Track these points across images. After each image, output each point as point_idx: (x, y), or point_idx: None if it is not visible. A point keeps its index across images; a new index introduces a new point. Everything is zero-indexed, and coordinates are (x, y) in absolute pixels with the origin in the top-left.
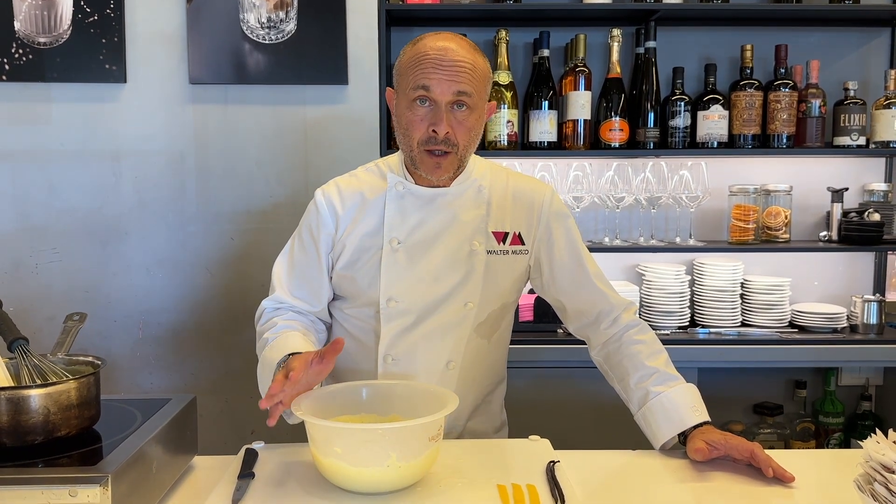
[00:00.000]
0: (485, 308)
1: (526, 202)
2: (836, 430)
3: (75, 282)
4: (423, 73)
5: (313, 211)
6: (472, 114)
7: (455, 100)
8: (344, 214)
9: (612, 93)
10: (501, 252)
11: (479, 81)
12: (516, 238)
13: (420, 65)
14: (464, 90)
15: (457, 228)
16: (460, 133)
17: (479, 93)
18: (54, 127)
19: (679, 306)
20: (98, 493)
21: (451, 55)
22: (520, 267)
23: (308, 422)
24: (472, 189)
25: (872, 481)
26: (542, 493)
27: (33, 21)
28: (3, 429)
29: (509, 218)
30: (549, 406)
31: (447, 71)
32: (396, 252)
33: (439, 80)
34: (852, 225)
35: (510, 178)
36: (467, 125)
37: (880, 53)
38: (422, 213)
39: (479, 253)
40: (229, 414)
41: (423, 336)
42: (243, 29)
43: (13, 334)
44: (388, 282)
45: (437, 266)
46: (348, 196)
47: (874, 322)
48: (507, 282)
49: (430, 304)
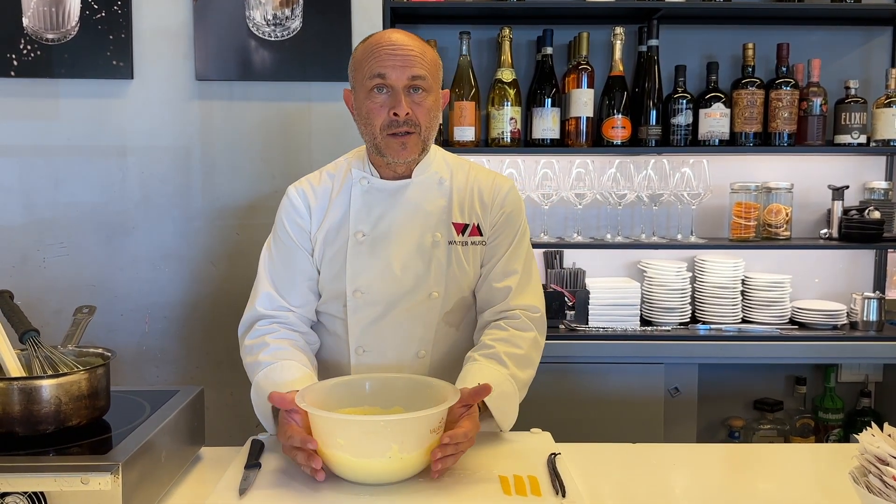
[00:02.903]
0: (450, 297)
1: (485, 195)
2: (835, 427)
3: (82, 276)
4: (378, 62)
5: (288, 207)
6: (429, 96)
7: (411, 84)
8: (316, 209)
9: (614, 90)
10: (461, 243)
11: (431, 66)
12: (475, 229)
13: (374, 55)
14: (418, 74)
15: (419, 220)
16: (420, 114)
17: (433, 76)
18: (62, 123)
19: (680, 303)
20: (109, 481)
21: (402, 44)
22: (478, 257)
23: (311, 414)
24: (434, 181)
25: (867, 473)
26: (544, 484)
27: (41, 18)
28: (16, 418)
29: (468, 210)
30: (551, 399)
31: (400, 58)
32: (361, 244)
33: (394, 67)
34: (853, 223)
35: (472, 170)
36: (425, 106)
37: (881, 52)
38: (385, 205)
39: (441, 244)
40: (235, 406)
41: (391, 327)
42: (249, 26)
43: (25, 326)
44: (354, 273)
45: (402, 257)
46: (319, 192)
47: (874, 319)
48: (470, 271)
49: (397, 295)
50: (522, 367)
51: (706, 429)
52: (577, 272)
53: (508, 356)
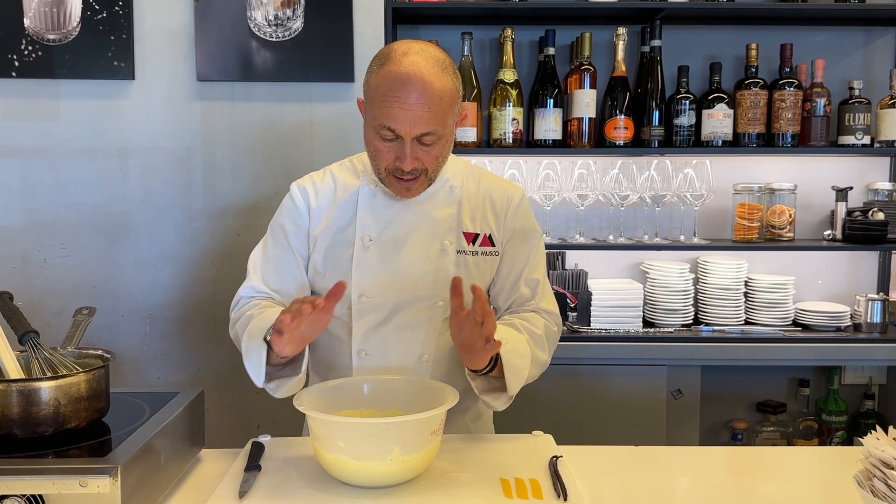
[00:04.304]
0: None
1: (498, 206)
2: (839, 429)
3: (83, 277)
4: (388, 115)
5: (289, 204)
6: (440, 141)
7: (421, 139)
8: (317, 209)
9: (617, 91)
10: (471, 253)
11: (445, 111)
12: (486, 240)
13: (385, 103)
14: (427, 131)
15: (428, 227)
16: (428, 161)
17: (445, 121)
18: (63, 123)
19: (683, 304)
20: (108, 484)
21: (416, 91)
22: (490, 268)
23: (311, 416)
24: (444, 189)
25: (872, 477)
26: (545, 487)
27: (43, 18)
28: (15, 420)
29: (479, 219)
30: (553, 401)
31: (411, 112)
32: (368, 249)
33: (403, 122)
34: (856, 224)
35: (483, 178)
36: (434, 154)
37: (885, 53)
38: (393, 210)
39: (450, 252)
40: (236, 408)
41: (394, 331)
42: (250, 26)
43: (24, 328)
44: (360, 278)
45: (409, 263)
46: (322, 191)
47: (878, 321)
48: (477, 282)
49: (402, 301)
50: (538, 345)
51: (709, 431)
52: (579, 273)
53: (525, 329)
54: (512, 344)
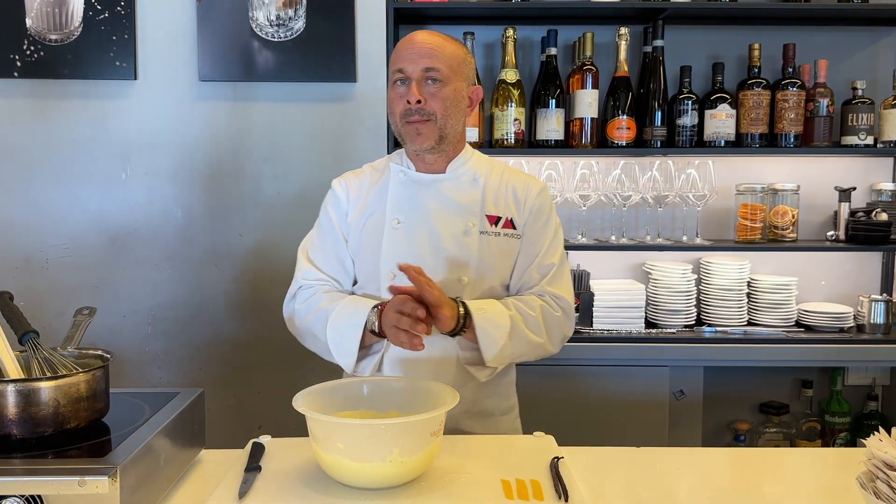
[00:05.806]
0: (479, 285)
1: (519, 193)
2: (842, 430)
3: (85, 277)
4: (399, 59)
5: (331, 197)
6: (445, 87)
7: (426, 75)
8: (353, 200)
9: (619, 91)
10: (493, 234)
11: (450, 59)
12: (508, 223)
13: (398, 53)
14: (431, 66)
15: (453, 210)
16: (435, 103)
17: (451, 69)
18: (64, 123)
19: (685, 305)
20: (107, 485)
21: (422, 40)
22: (511, 249)
23: (310, 418)
24: (468, 176)
25: (875, 479)
26: (546, 488)
27: (45, 18)
28: (14, 420)
29: (502, 204)
30: (554, 402)
31: (416, 52)
32: (397, 230)
33: (410, 60)
34: (860, 224)
35: (506, 171)
36: (441, 96)
37: (888, 53)
38: (420, 196)
39: (473, 233)
40: (237, 408)
41: None
42: (252, 27)
43: (24, 328)
44: (390, 258)
45: (435, 243)
46: (356, 183)
47: (881, 322)
48: (500, 262)
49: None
50: (530, 325)
51: (711, 432)
52: (581, 274)
53: (515, 307)
54: (489, 314)
